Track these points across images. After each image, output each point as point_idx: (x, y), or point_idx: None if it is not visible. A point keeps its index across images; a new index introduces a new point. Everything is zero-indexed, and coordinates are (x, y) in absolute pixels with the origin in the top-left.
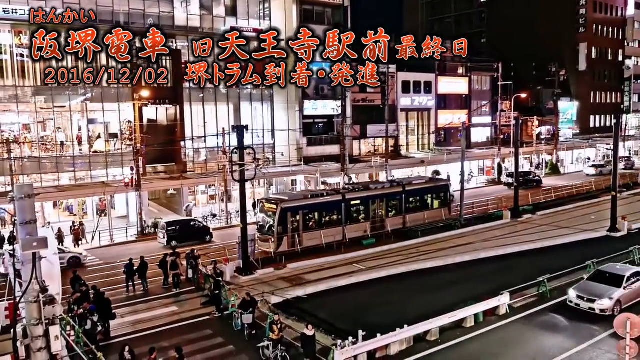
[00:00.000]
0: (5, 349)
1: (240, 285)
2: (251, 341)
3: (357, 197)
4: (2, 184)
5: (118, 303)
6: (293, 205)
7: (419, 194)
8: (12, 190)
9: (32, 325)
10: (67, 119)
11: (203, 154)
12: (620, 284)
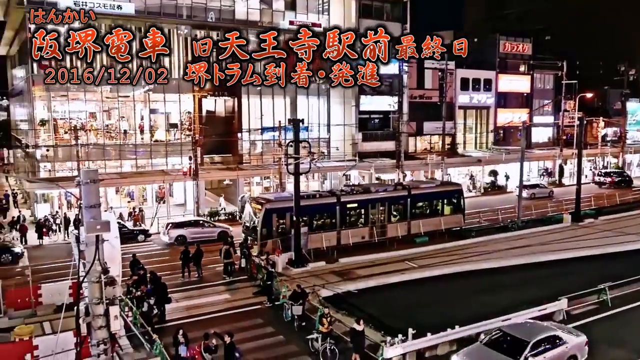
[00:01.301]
0: (69, 325)
1: (291, 276)
2: (300, 332)
3: (354, 200)
4: (69, 169)
5: (173, 288)
6: (279, 207)
7: (427, 199)
8: (79, 175)
9: (94, 304)
10: (131, 108)
11: (259, 146)
12: (520, 354)
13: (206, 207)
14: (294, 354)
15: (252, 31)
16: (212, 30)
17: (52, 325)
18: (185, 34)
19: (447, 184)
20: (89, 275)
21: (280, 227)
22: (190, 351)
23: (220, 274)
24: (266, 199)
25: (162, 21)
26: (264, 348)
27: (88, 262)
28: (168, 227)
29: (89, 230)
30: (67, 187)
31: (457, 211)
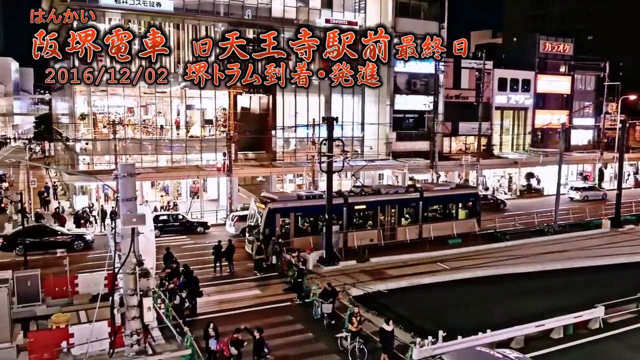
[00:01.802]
0: (103, 315)
1: (321, 274)
2: (330, 330)
3: (362, 202)
4: (107, 162)
5: (205, 282)
6: (283, 206)
7: (441, 202)
8: (116, 168)
9: (128, 295)
10: (167, 104)
11: (293, 144)
12: None
13: (239, 203)
14: (322, 351)
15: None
16: (249, 28)
17: (87, 315)
18: (222, 32)
19: (462, 187)
20: (124, 267)
21: (285, 227)
22: (219, 344)
23: (252, 270)
24: (270, 198)
25: (200, 18)
26: (293, 345)
27: (123, 254)
28: (234, 220)
29: (125, 222)
30: (105, 180)
31: (472, 215)
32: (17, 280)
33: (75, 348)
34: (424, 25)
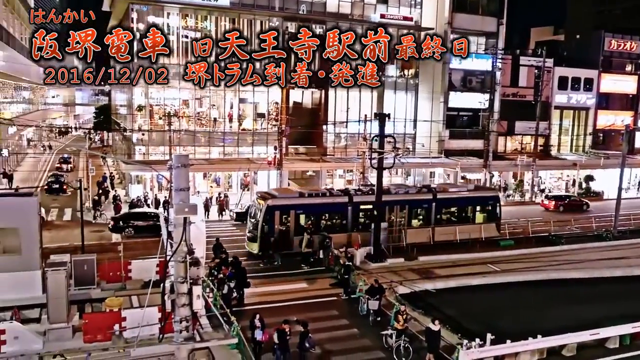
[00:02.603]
0: (154, 301)
1: (369, 271)
2: (375, 327)
3: (368, 201)
4: (162, 153)
5: (252, 273)
6: (283, 204)
7: (457, 204)
8: (171, 159)
9: (179, 283)
10: (221, 97)
11: (343, 139)
12: None
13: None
14: (367, 348)
15: (342, 24)
16: (303, 23)
17: (139, 300)
18: (276, 26)
19: (482, 189)
20: (176, 255)
21: (285, 225)
22: (265, 335)
23: (299, 263)
24: (270, 194)
25: (255, 13)
26: (337, 340)
27: (175, 242)
28: None
29: (177, 212)
30: (159, 170)
31: (491, 219)
32: (74, 263)
33: (127, 331)
34: (481, 21)
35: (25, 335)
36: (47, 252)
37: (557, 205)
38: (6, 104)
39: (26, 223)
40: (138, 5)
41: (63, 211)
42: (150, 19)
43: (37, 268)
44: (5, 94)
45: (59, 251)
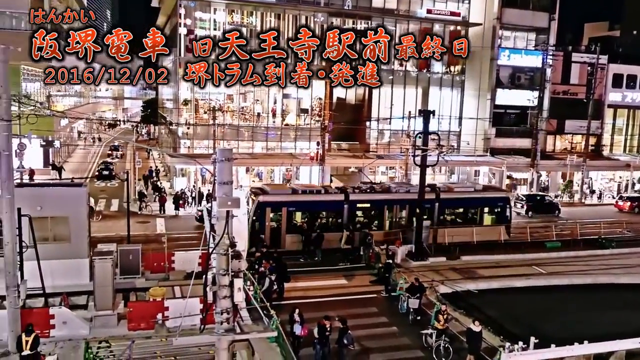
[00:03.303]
0: (196, 292)
1: (409, 269)
2: (415, 326)
3: (366, 200)
4: (206, 147)
5: (293, 268)
6: (274, 200)
7: (462, 205)
8: (215, 153)
9: (220, 275)
10: (265, 92)
11: (387, 136)
12: None
13: None
14: (406, 346)
15: (388, 20)
16: (348, 18)
17: (181, 290)
18: (321, 22)
19: (490, 190)
20: (218, 248)
21: (276, 222)
22: (304, 330)
23: (340, 259)
24: (262, 189)
25: (300, 9)
26: (376, 337)
27: (218, 235)
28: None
29: (220, 205)
30: (204, 163)
31: (500, 222)
32: (120, 253)
33: (169, 321)
34: (532, 17)
35: (73, 320)
36: (95, 241)
37: (632, 206)
38: (59, 97)
39: (75, 212)
40: (186, 1)
41: (110, 202)
42: (198, 15)
43: (85, 256)
44: (58, 87)
45: (105, 240)
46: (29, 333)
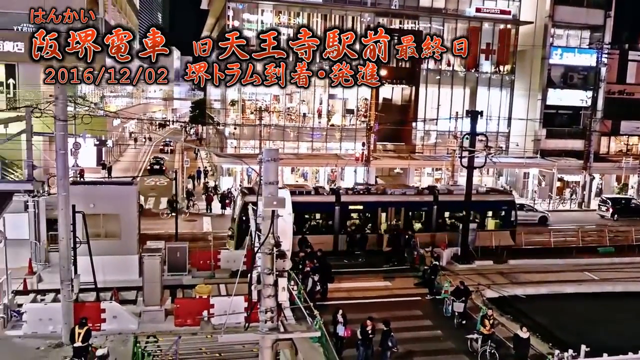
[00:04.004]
0: (241, 290)
1: (455, 272)
2: (459, 330)
3: (358, 202)
4: (252, 147)
5: (336, 269)
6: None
7: (462, 209)
8: (261, 153)
9: (265, 274)
10: (311, 92)
11: (433, 137)
12: None
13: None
14: (450, 350)
15: (436, 19)
16: (395, 18)
17: (227, 288)
18: (368, 22)
19: (494, 193)
20: (263, 247)
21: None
22: (347, 331)
23: (384, 261)
24: (251, 189)
25: (347, 9)
26: (420, 340)
27: (263, 234)
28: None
29: (266, 205)
30: (250, 163)
31: (504, 226)
32: (168, 250)
33: (215, 318)
34: (586, 14)
35: (123, 315)
36: (144, 238)
37: None
38: (112, 98)
39: (126, 210)
40: (234, 3)
41: (159, 200)
42: (245, 16)
43: (134, 253)
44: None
45: (154, 238)
46: (81, 326)
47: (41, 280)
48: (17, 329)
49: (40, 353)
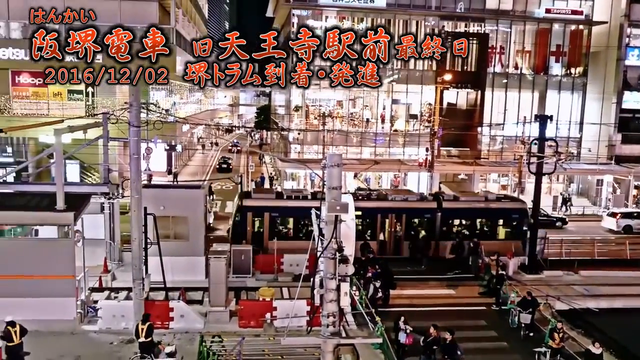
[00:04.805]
0: (304, 294)
1: (522, 282)
2: (526, 342)
3: (356, 207)
4: (315, 152)
5: (399, 275)
6: (256, 205)
7: (469, 216)
8: (324, 158)
9: (328, 279)
10: (374, 98)
11: (499, 142)
12: None
13: None
14: None
15: (503, 22)
16: (460, 21)
17: (289, 292)
18: (432, 25)
19: (505, 200)
20: (326, 252)
21: (258, 228)
22: (409, 339)
23: (447, 269)
24: (247, 194)
25: (411, 13)
26: (484, 351)
27: (326, 239)
28: (617, 217)
29: (329, 209)
30: (313, 168)
31: (515, 236)
32: (233, 253)
33: (277, 321)
34: None
35: (189, 314)
36: (210, 240)
37: None
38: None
39: (194, 212)
40: (299, 10)
41: (225, 204)
42: (309, 23)
43: (201, 254)
44: (180, 95)
45: (219, 240)
46: (144, 321)
47: (115, 278)
48: (92, 324)
49: (114, 348)
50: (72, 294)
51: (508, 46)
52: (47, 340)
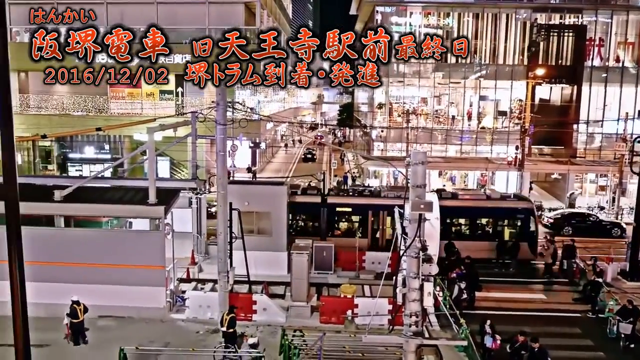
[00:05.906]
0: (385, 293)
1: (622, 289)
2: (626, 354)
3: (346, 204)
4: (399, 150)
5: (486, 277)
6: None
7: (469, 215)
8: (408, 155)
9: (411, 278)
10: (461, 94)
11: (597, 140)
12: None
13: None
14: None
15: (603, 12)
16: (554, 13)
17: (371, 290)
18: (524, 18)
19: (509, 199)
20: (409, 250)
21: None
22: (495, 343)
23: (538, 272)
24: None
25: (501, 6)
26: None
27: (409, 237)
28: None
29: (413, 208)
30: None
31: (519, 238)
32: (315, 249)
33: (359, 318)
34: None
35: (272, 308)
36: (292, 236)
37: None
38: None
39: (276, 208)
40: (383, 7)
41: None
42: (393, 19)
43: (283, 250)
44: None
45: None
46: (229, 312)
47: (201, 270)
48: (180, 313)
49: (200, 337)
50: (162, 283)
51: (608, 38)
52: (139, 326)
